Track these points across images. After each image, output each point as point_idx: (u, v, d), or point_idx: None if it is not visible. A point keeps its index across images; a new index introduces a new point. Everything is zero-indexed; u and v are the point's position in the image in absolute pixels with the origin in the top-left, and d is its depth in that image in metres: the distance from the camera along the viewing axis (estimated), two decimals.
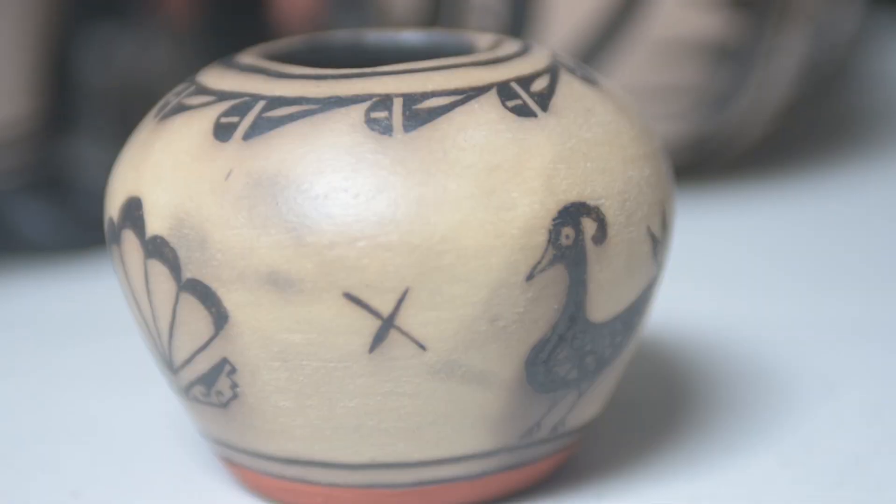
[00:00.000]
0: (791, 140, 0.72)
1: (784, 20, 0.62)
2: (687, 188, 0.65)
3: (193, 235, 0.37)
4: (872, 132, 0.75)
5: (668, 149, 0.64)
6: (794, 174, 0.69)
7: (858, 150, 0.72)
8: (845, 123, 0.76)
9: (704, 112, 0.63)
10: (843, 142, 0.73)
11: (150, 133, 0.40)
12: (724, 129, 0.64)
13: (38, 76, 0.61)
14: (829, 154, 0.71)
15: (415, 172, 0.36)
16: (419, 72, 0.38)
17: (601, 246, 0.38)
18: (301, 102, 0.38)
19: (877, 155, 0.72)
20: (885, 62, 0.87)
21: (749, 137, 0.66)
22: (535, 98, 0.38)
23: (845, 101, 0.80)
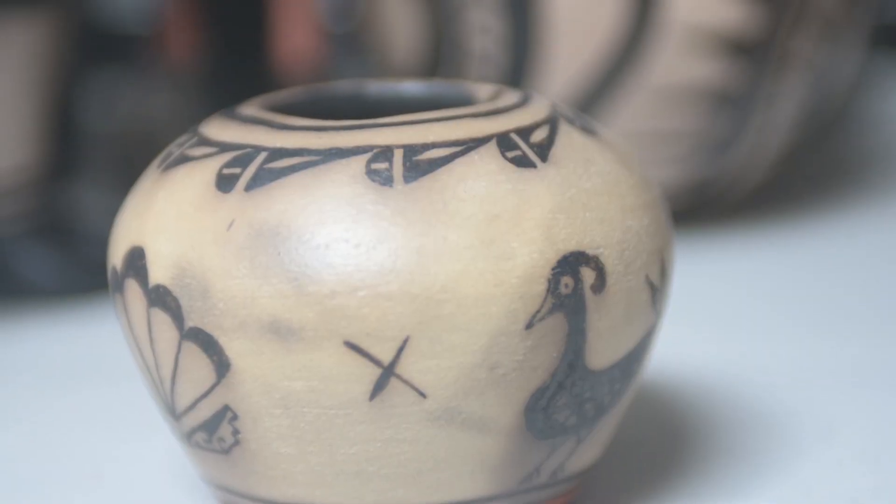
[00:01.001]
0: (791, 184, 0.73)
1: (783, 66, 0.63)
2: (687, 233, 0.66)
3: (196, 285, 0.37)
4: (872, 176, 0.75)
5: (669, 193, 0.64)
6: (794, 218, 0.69)
7: (858, 194, 0.73)
8: (845, 167, 0.77)
9: (704, 157, 0.64)
10: (843, 186, 0.74)
11: (153, 183, 0.40)
12: (724, 174, 0.65)
13: (42, 123, 0.61)
14: (828, 198, 0.72)
15: (415, 223, 0.37)
16: (419, 123, 0.39)
17: (600, 295, 0.38)
18: (302, 154, 0.38)
19: (876, 199, 0.72)
20: (885, 106, 0.87)
21: (749, 182, 0.67)
22: (535, 149, 0.39)
23: (845, 144, 0.80)
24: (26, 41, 0.59)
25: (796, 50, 0.63)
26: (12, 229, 0.61)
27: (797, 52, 0.63)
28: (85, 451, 0.49)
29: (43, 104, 0.61)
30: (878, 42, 0.88)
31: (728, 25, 0.61)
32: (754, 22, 0.61)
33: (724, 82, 0.62)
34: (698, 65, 0.61)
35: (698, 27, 0.61)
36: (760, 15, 0.61)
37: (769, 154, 0.66)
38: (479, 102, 0.42)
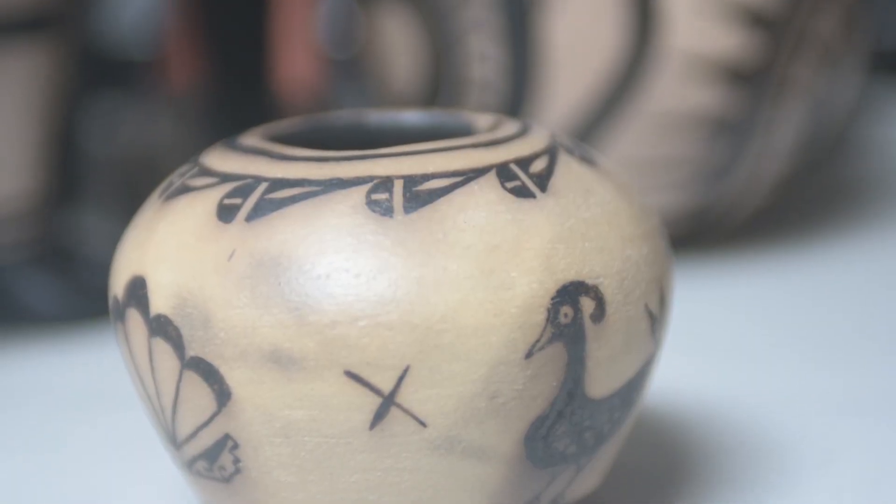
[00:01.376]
0: (789, 210, 0.73)
1: (782, 93, 0.63)
2: (686, 258, 0.66)
3: (197, 314, 0.38)
4: (871, 201, 0.76)
5: (667, 219, 0.64)
6: (793, 244, 0.69)
7: (857, 219, 0.73)
8: (844, 193, 0.77)
9: (703, 183, 0.64)
10: (842, 211, 0.74)
11: (154, 213, 0.40)
12: (722, 200, 0.65)
13: (43, 150, 0.61)
14: (827, 224, 0.72)
15: (415, 253, 0.37)
16: (419, 154, 0.39)
17: (599, 324, 0.38)
18: (303, 184, 0.38)
19: (875, 224, 0.72)
20: (884, 131, 0.87)
21: (748, 208, 0.67)
22: (534, 179, 0.39)
23: (844, 170, 0.81)
24: (28, 68, 0.60)
25: (795, 77, 0.63)
26: (14, 256, 0.61)
27: (796, 78, 0.63)
28: (86, 479, 0.49)
29: (44, 131, 0.61)
30: (877, 68, 0.88)
31: (727, 53, 0.61)
32: (753, 49, 0.62)
33: (723, 109, 0.62)
34: (697, 92, 0.61)
35: (697, 54, 0.61)
36: (759, 42, 0.62)
37: (768, 180, 0.66)
38: (478, 132, 0.42)
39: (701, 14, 0.61)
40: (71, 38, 0.62)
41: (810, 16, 0.63)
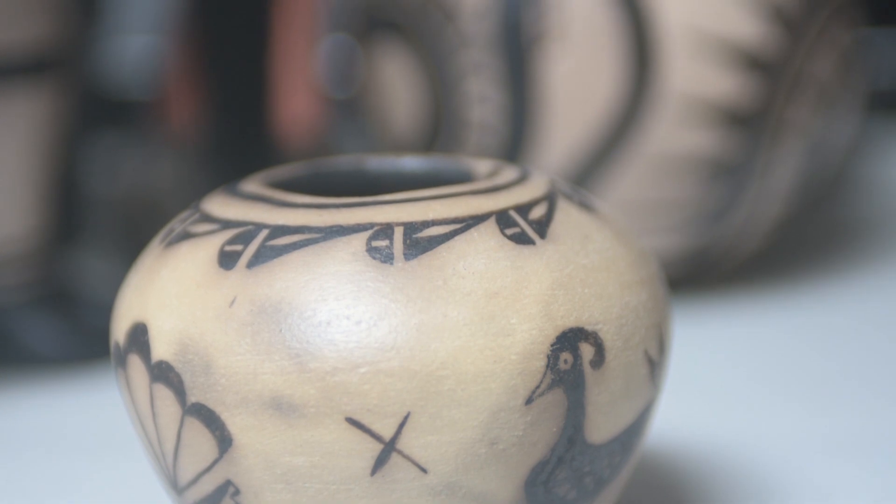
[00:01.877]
0: (788, 251, 0.73)
1: (779, 135, 0.63)
2: (684, 300, 0.66)
3: (198, 361, 0.38)
4: (869, 242, 0.76)
5: (665, 261, 0.64)
6: (791, 285, 0.69)
7: (855, 260, 0.73)
8: (842, 233, 0.77)
9: (701, 225, 0.64)
10: (840, 252, 0.74)
11: (155, 259, 0.40)
12: (720, 241, 0.65)
13: (44, 191, 0.61)
14: (825, 265, 0.72)
15: (415, 300, 0.37)
16: (419, 200, 0.39)
17: (599, 370, 0.38)
18: (304, 231, 0.38)
19: (874, 265, 0.73)
20: (882, 171, 0.88)
21: (746, 249, 0.67)
22: (534, 225, 0.39)
23: (841, 210, 0.81)
24: (30, 111, 0.60)
25: (792, 119, 0.64)
26: (15, 297, 0.61)
27: (793, 121, 0.64)
28: None
29: (45, 172, 0.62)
30: (874, 108, 0.88)
31: (724, 95, 0.62)
32: (750, 92, 0.62)
33: (721, 151, 0.62)
34: (695, 134, 0.62)
35: (694, 97, 0.61)
36: (756, 85, 0.62)
37: (765, 221, 0.66)
38: (478, 178, 0.43)
39: (698, 57, 0.61)
40: (72, 80, 0.63)
41: (807, 58, 0.63)
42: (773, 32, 0.62)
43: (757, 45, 0.62)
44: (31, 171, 0.61)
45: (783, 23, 0.62)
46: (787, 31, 0.62)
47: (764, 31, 0.62)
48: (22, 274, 0.61)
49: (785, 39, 0.62)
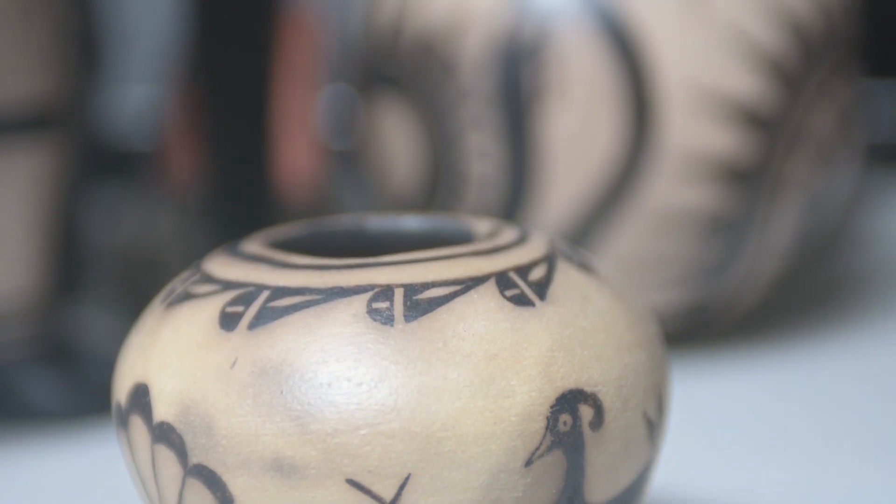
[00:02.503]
0: (788, 305, 0.73)
1: (778, 191, 0.64)
2: (683, 355, 0.66)
3: (199, 422, 0.38)
4: (869, 295, 0.76)
5: (664, 316, 0.64)
6: (791, 340, 0.69)
7: (856, 314, 0.73)
8: (841, 287, 0.77)
9: (700, 280, 0.64)
10: (840, 306, 0.74)
11: (157, 320, 0.41)
12: (719, 296, 0.65)
13: (45, 246, 0.62)
14: (825, 319, 0.72)
15: (415, 362, 0.37)
16: (419, 262, 0.39)
17: (598, 431, 0.38)
18: (304, 293, 0.39)
19: (874, 318, 0.73)
20: (881, 224, 0.88)
21: (745, 304, 0.67)
22: (533, 287, 0.39)
23: (841, 264, 0.81)
24: (31, 166, 0.60)
25: (791, 174, 0.64)
26: (15, 353, 0.61)
27: (792, 176, 0.64)
28: None
29: (46, 226, 0.62)
30: (874, 160, 0.89)
31: (723, 151, 0.62)
32: (749, 148, 0.62)
33: (720, 207, 0.63)
34: (694, 190, 0.62)
35: (693, 153, 0.62)
36: (755, 141, 0.62)
37: (765, 276, 0.66)
38: (478, 239, 0.43)
39: (697, 113, 0.61)
40: (73, 133, 0.63)
41: (806, 113, 0.64)
42: (772, 88, 0.62)
43: (756, 101, 0.62)
44: (32, 225, 0.61)
45: (782, 78, 0.63)
46: (785, 87, 0.63)
47: (763, 86, 0.62)
48: (22, 329, 0.62)
49: (784, 95, 0.63)
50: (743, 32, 0.62)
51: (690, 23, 0.61)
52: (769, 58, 0.62)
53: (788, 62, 0.63)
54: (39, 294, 0.62)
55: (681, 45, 0.61)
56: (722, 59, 0.62)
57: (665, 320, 0.64)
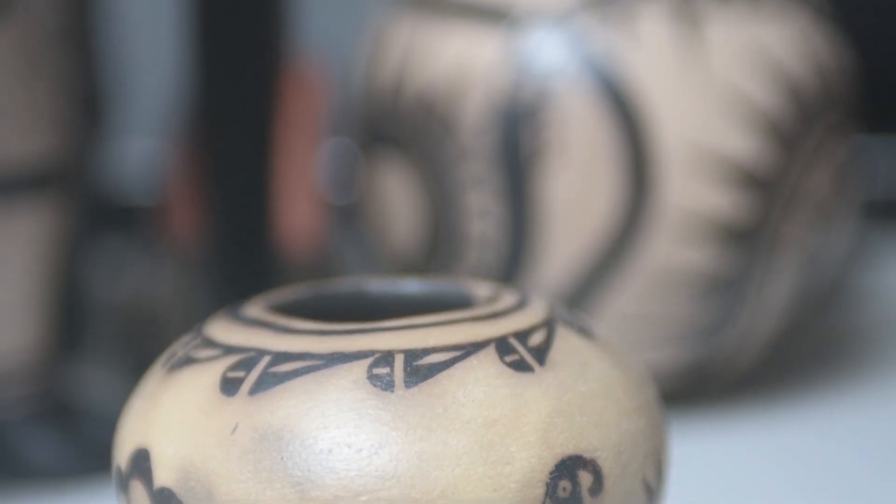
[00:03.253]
0: (786, 363, 0.73)
1: (775, 250, 0.64)
2: (682, 414, 0.66)
3: (200, 488, 0.38)
4: (867, 352, 0.76)
5: (662, 375, 0.65)
6: (790, 398, 0.69)
7: (857, 370, 0.73)
8: (839, 344, 0.77)
9: (698, 339, 0.64)
10: (841, 362, 0.74)
11: (157, 384, 0.41)
12: (718, 355, 0.66)
13: (46, 304, 0.62)
14: (824, 376, 0.72)
15: (415, 428, 0.37)
16: (419, 327, 0.40)
17: (597, 497, 0.39)
18: (305, 358, 0.39)
19: (876, 374, 0.73)
20: (879, 280, 0.88)
21: (743, 362, 0.68)
22: (533, 352, 0.40)
23: (839, 321, 0.81)
24: (33, 225, 0.60)
25: (788, 234, 0.64)
26: (14, 411, 0.61)
27: (789, 235, 0.64)
28: None
29: (47, 284, 0.62)
30: (870, 217, 0.89)
31: (721, 211, 0.62)
32: (746, 208, 0.63)
33: (718, 267, 0.63)
34: (692, 250, 0.62)
35: (691, 213, 0.62)
36: (752, 201, 0.63)
37: (763, 335, 0.66)
38: (478, 303, 0.43)
39: (694, 173, 0.62)
40: (75, 191, 0.63)
41: (803, 173, 0.64)
42: (769, 148, 0.63)
43: (753, 162, 0.62)
44: (33, 284, 0.61)
45: (779, 139, 0.63)
46: (782, 147, 0.63)
47: (760, 147, 0.62)
48: (22, 387, 0.62)
49: (780, 155, 0.63)
50: (740, 93, 0.62)
51: (688, 83, 0.62)
52: (766, 119, 0.63)
53: (785, 123, 0.63)
54: (40, 352, 0.62)
55: (678, 106, 0.62)
56: (719, 119, 0.62)
57: (663, 379, 0.65)
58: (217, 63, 0.69)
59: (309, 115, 0.85)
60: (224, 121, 0.71)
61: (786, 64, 0.63)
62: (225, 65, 0.69)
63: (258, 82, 0.70)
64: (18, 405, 0.61)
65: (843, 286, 0.84)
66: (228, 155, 0.71)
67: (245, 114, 0.70)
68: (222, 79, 0.69)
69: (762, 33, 0.63)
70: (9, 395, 0.61)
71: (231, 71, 0.69)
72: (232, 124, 0.70)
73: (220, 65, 0.69)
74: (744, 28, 0.63)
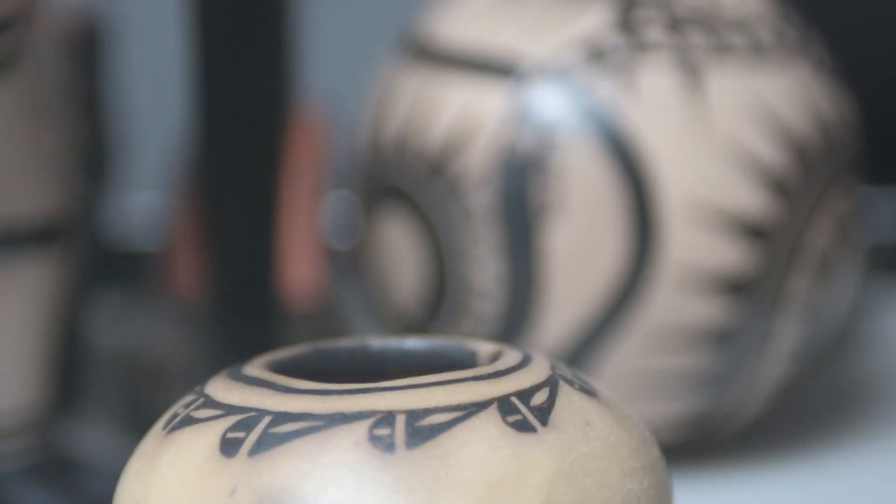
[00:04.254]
0: (791, 414, 0.73)
1: (779, 303, 0.64)
2: (685, 467, 0.66)
3: None
4: (875, 400, 0.76)
5: (665, 427, 0.64)
6: (795, 449, 0.69)
7: (862, 420, 0.73)
8: (844, 395, 0.77)
9: (702, 392, 0.64)
10: (845, 412, 0.74)
11: (157, 445, 0.41)
12: (722, 407, 0.65)
13: (48, 358, 0.62)
14: (830, 426, 0.72)
15: (416, 490, 0.37)
16: (421, 387, 0.39)
17: None
18: (306, 419, 0.39)
19: (881, 424, 0.72)
20: (883, 326, 0.88)
21: (747, 415, 0.67)
22: (535, 412, 0.39)
23: (845, 369, 0.81)
24: (35, 279, 0.60)
25: (792, 287, 0.64)
26: (13, 464, 0.61)
27: (793, 289, 0.64)
28: None
29: (48, 339, 0.62)
30: (874, 264, 0.89)
31: (724, 266, 0.62)
32: (750, 261, 0.62)
33: (721, 321, 0.63)
34: (695, 304, 0.62)
35: (695, 267, 0.62)
36: (756, 254, 0.63)
37: (767, 387, 0.66)
38: (480, 361, 0.43)
39: (698, 227, 0.62)
40: (78, 245, 0.63)
41: (806, 226, 0.64)
42: (772, 202, 0.63)
43: (756, 214, 0.62)
44: (35, 339, 0.61)
45: (782, 192, 0.63)
46: (785, 200, 0.63)
47: (762, 200, 0.62)
48: (21, 440, 0.61)
49: (784, 209, 0.63)
50: (741, 146, 0.62)
51: (690, 136, 0.62)
52: (768, 171, 0.63)
53: (787, 175, 0.63)
54: (41, 406, 0.62)
55: (681, 159, 0.62)
56: (721, 172, 0.62)
57: (666, 431, 0.64)
58: (221, 115, 0.69)
59: (313, 166, 0.85)
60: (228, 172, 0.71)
61: (787, 116, 0.63)
62: (229, 116, 0.69)
63: (262, 134, 0.70)
64: (17, 457, 0.61)
65: (848, 334, 0.84)
66: (232, 206, 0.71)
67: (249, 165, 0.70)
68: (227, 130, 0.69)
69: (763, 85, 0.63)
70: (7, 447, 0.61)
71: (235, 122, 0.69)
72: (236, 176, 0.70)
73: (224, 116, 0.69)
74: (745, 80, 0.63)
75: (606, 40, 0.63)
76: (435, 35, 0.66)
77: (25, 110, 0.59)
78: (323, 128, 0.88)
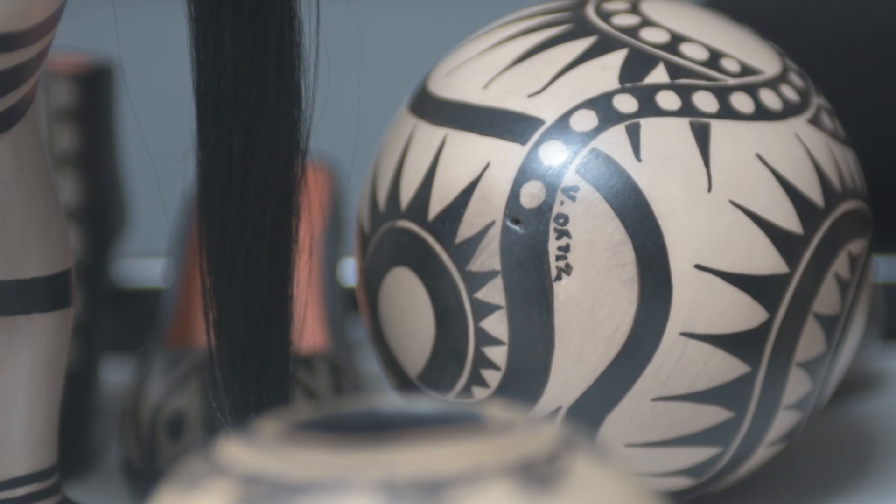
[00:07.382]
0: (797, 459, 0.73)
1: (785, 357, 0.64)
2: None
3: None
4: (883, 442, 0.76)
5: (671, 476, 0.64)
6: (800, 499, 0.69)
7: (870, 463, 0.73)
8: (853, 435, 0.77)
9: (708, 442, 0.64)
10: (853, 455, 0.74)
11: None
12: (727, 457, 0.65)
13: (48, 433, 0.61)
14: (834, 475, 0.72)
15: None
16: (431, 450, 0.39)
17: None
18: (314, 481, 0.39)
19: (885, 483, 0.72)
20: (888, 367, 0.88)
21: (753, 463, 0.67)
22: (546, 477, 0.39)
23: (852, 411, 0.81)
24: (42, 343, 0.60)
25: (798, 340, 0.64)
26: None
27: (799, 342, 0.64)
28: None
29: (54, 401, 0.61)
30: None
31: (730, 321, 0.62)
32: (756, 316, 0.63)
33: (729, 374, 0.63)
34: (703, 359, 0.62)
35: (702, 323, 0.62)
36: (762, 309, 0.63)
37: (773, 436, 0.66)
38: (490, 426, 0.43)
39: (705, 282, 0.62)
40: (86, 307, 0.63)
41: (811, 281, 0.64)
42: (775, 258, 0.63)
43: (759, 270, 0.63)
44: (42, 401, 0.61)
45: (785, 248, 0.63)
46: (788, 256, 0.63)
47: (766, 256, 0.63)
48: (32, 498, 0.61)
49: (786, 264, 0.63)
50: (749, 204, 0.62)
51: (698, 195, 0.62)
52: (775, 229, 0.63)
53: (793, 232, 0.63)
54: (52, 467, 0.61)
55: (689, 216, 0.62)
56: (729, 230, 0.62)
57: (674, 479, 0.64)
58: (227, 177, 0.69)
59: (319, 225, 0.86)
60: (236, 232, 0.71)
61: (792, 174, 0.64)
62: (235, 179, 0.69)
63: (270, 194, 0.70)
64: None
65: (855, 378, 0.84)
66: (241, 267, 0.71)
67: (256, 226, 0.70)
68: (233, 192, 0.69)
69: (768, 143, 0.64)
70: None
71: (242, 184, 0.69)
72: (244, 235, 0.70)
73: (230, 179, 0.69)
74: (749, 137, 0.63)
75: (615, 100, 0.63)
76: (441, 95, 0.66)
77: (36, 160, 0.59)
78: (329, 186, 0.88)
